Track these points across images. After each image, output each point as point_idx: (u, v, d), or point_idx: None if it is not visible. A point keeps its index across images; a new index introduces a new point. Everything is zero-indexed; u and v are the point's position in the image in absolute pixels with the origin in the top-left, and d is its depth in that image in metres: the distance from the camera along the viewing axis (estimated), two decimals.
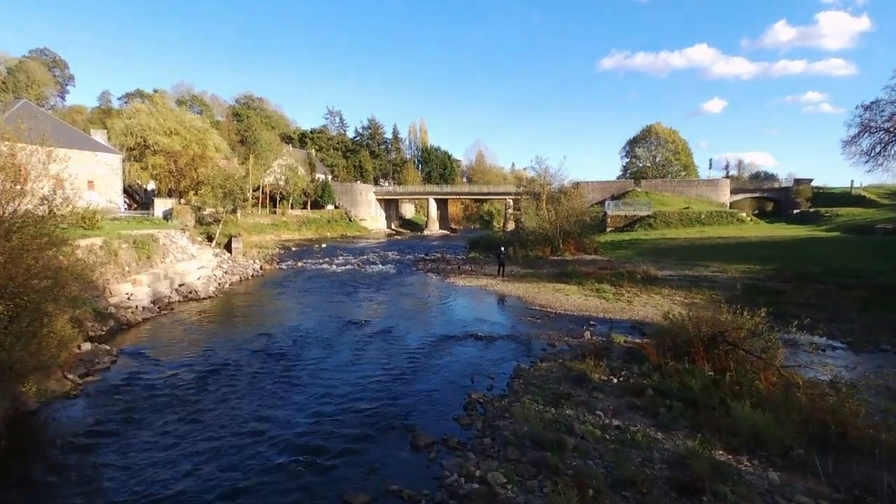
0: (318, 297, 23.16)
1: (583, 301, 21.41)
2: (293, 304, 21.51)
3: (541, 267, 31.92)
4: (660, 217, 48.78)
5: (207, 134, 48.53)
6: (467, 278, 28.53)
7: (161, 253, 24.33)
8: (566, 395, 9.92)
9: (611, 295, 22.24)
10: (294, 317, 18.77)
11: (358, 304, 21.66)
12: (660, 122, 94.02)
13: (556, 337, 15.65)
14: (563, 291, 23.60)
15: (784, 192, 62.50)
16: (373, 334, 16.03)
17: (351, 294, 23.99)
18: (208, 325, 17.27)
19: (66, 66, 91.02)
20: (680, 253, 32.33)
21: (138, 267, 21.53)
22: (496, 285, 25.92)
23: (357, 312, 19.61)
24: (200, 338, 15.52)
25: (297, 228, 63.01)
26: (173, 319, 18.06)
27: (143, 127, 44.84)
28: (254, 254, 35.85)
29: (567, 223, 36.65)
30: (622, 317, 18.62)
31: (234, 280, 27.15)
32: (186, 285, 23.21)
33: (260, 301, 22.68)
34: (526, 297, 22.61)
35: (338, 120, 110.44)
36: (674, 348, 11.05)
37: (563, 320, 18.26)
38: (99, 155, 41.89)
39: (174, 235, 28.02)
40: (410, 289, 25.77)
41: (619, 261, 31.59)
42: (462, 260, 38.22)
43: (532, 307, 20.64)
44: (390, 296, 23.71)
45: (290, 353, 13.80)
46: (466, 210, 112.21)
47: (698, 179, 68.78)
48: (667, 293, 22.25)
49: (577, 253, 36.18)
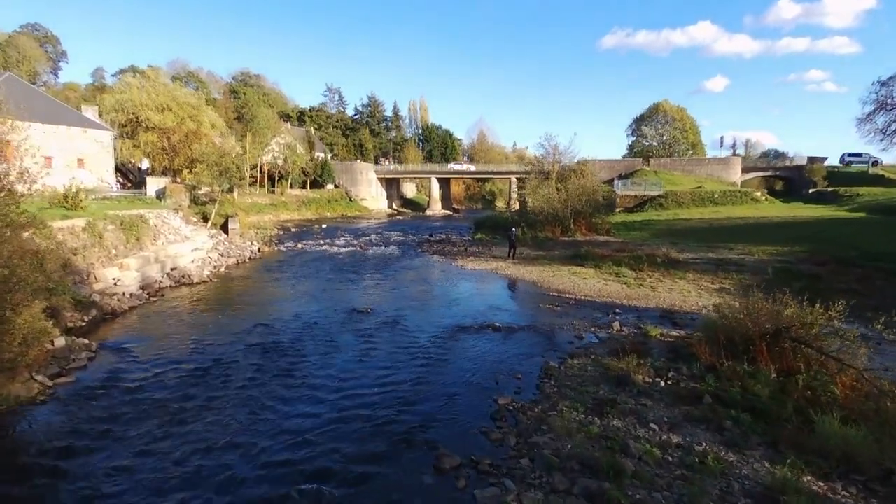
0: (319, 281, 21.74)
1: (602, 286, 20.00)
2: (292, 289, 20.09)
3: (552, 248, 30.47)
4: (671, 197, 47.09)
5: (202, 110, 46.51)
6: (476, 261, 27.09)
7: (152, 235, 22.81)
8: (610, 402, 8.54)
9: (632, 280, 20.81)
10: (293, 304, 17.36)
11: (362, 289, 20.24)
12: (667, 100, 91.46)
13: (582, 327, 14.26)
14: (580, 275, 22.18)
15: (797, 170, 60.55)
16: (380, 325, 14.64)
17: (354, 278, 22.56)
18: (200, 314, 15.86)
19: (59, 42, 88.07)
20: (698, 234, 30.82)
21: (126, 250, 20.05)
22: (507, 268, 24.50)
23: (361, 299, 18.20)
24: (191, 329, 14.12)
25: (296, 208, 61.36)
26: (163, 307, 16.65)
27: (134, 103, 42.81)
28: (251, 235, 34.33)
29: (578, 203, 35.05)
30: (648, 304, 17.22)
31: (230, 263, 25.70)
32: (179, 269, 21.76)
33: (257, 286, 21.26)
34: (541, 282, 21.19)
35: (337, 97, 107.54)
36: (728, 346, 9.63)
37: (585, 308, 16.86)
38: (89, 132, 40.07)
39: (166, 216, 26.46)
40: (417, 272, 24.33)
41: (634, 242, 30.13)
42: (468, 241, 36.75)
43: (549, 293, 19.23)
44: (396, 280, 22.28)
45: (289, 348, 12.42)
46: (468, 189, 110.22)
47: (709, 158, 66.81)
48: (691, 278, 20.83)
49: (588, 234, 34.70)
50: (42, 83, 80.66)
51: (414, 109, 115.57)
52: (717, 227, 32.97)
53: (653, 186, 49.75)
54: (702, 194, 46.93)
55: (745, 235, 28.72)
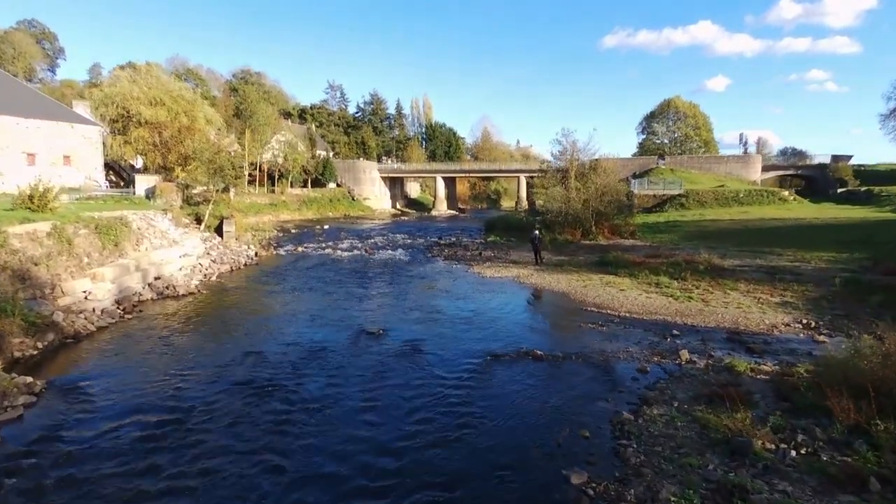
0: (321, 293, 19.26)
1: (646, 299, 17.48)
2: (291, 304, 17.59)
3: (573, 253, 27.97)
4: (692, 196, 44.52)
5: (197, 105, 44.06)
6: (494, 267, 24.58)
7: (134, 239, 20.35)
8: (738, 490, 6.02)
9: (677, 291, 18.29)
10: (292, 324, 14.87)
11: (370, 303, 17.75)
12: (679, 96, 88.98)
13: (641, 356, 11.76)
14: (616, 285, 19.68)
15: (819, 169, 57.97)
16: (394, 353, 12.14)
17: (360, 289, 20.08)
18: (181, 337, 13.38)
19: (56, 39, 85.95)
20: (734, 237, 28.25)
21: (102, 257, 17.59)
22: (531, 277, 22.00)
23: (370, 316, 15.71)
24: (167, 359, 11.65)
25: (296, 208, 58.96)
26: (139, 327, 14.17)
27: (124, 96, 40.35)
28: (248, 238, 31.89)
29: (600, 203, 32.51)
30: (706, 322, 14.70)
31: (223, 270, 23.25)
32: (163, 278, 19.30)
33: (251, 300, 18.73)
34: (573, 294, 18.68)
35: (339, 95, 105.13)
36: (876, 397, 7.13)
37: (634, 327, 14.35)
38: (76, 127, 37.61)
39: (153, 217, 24.00)
40: (430, 282, 21.79)
41: (665, 247, 27.59)
42: (481, 244, 34.26)
43: (586, 307, 16.72)
44: (408, 291, 19.77)
45: (283, 387, 9.93)
46: (473, 189, 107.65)
47: (727, 156, 64.18)
48: (744, 289, 18.29)
49: (611, 237, 32.17)
50: (38, 80, 78.55)
51: (417, 107, 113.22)
52: (752, 229, 30.41)
53: (673, 185, 47.21)
54: (725, 193, 44.37)
55: (788, 239, 26.14)
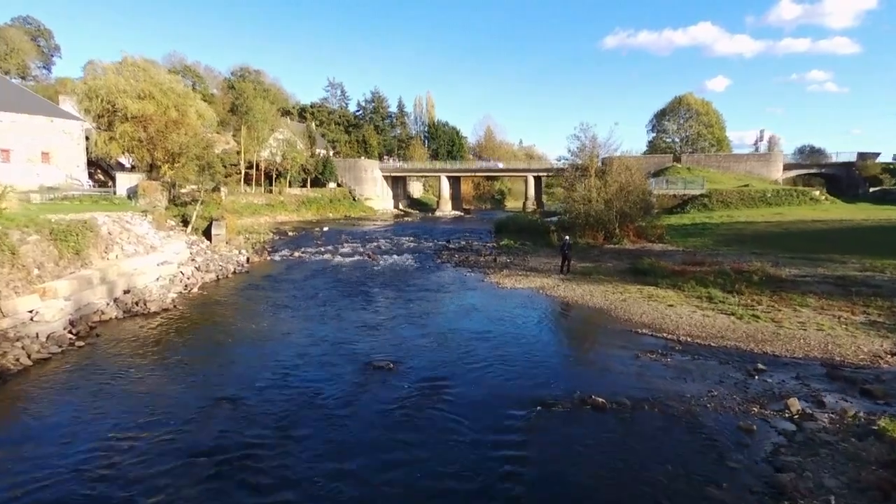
0: (319, 310, 16.47)
1: (703, 318, 14.71)
2: (282, 324, 14.81)
3: (598, 259, 25.23)
4: (715, 196, 41.72)
5: (189, 99, 41.20)
6: (513, 276, 21.82)
7: (102, 246, 17.61)
8: None
9: (737, 307, 15.52)
10: (280, 354, 12.10)
11: (376, 323, 14.95)
12: (691, 93, 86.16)
13: (733, 403, 8.99)
14: (661, 299, 16.92)
15: (845, 168, 55.10)
16: (412, 399, 9.37)
17: (364, 304, 17.29)
18: (138, 374, 10.61)
19: (52, 36, 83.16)
20: (777, 242, 25.47)
21: (59, 269, 14.84)
22: (558, 288, 19.25)
23: (377, 342, 12.95)
24: (111, 410, 8.90)
25: (295, 209, 56.20)
26: (87, 360, 11.41)
27: (109, 89, 37.53)
28: (240, 241, 29.12)
29: (625, 204, 29.73)
30: (791, 350, 11.94)
31: (207, 280, 20.49)
32: (134, 292, 16.54)
33: (234, 318, 15.84)
34: (614, 310, 15.91)
35: (339, 92, 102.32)
36: None
37: (703, 356, 11.59)
38: (56, 121, 34.99)
39: (129, 220, 21.28)
40: (445, 296, 18.94)
41: (701, 252, 24.81)
42: (493, 248, 31.48)
43: (635, 329, 13.96)
44: (419, 307, 16.96)
45: (262, 459, 7.18)
46: (477, 189, 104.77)
47: (747, 154, 61.28)
48: (816, 304, 15.50)
49: (637, 240, 29.40)
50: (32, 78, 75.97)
51: (420, 105, 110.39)
52: (794, 232, 27.62)
53: (694, 185, 44.40)
54: (751, 193, 41.57)
55: (843, 244, 23.34)
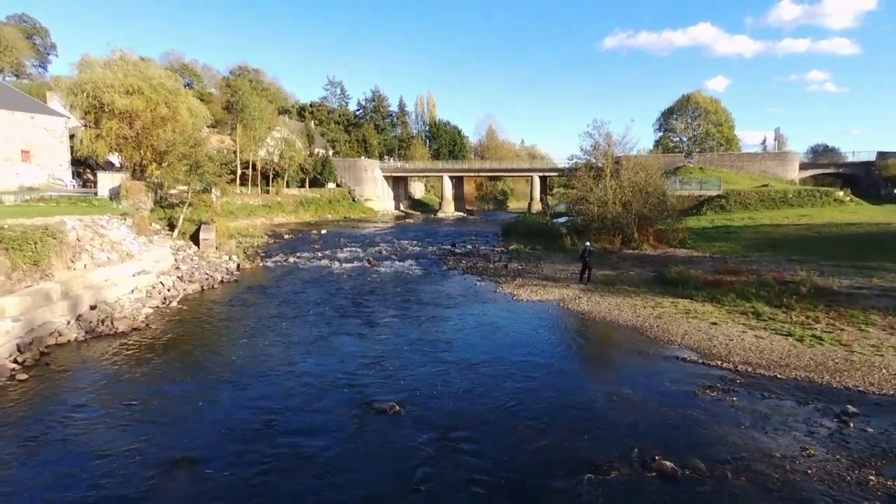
0: (311, 331, 14.40)
1: (754, 340, 12.69)
2: (266, 351, 12.71)
3: (618, 266, 23.21)
4: (733, 197, 39.67)
5: (180, 95, 39.08)
6: (527, 286, 19.80)
7: (68, 254, 15.59)
8: None
9: (791, 325, 13.51)
10: (262, 391, 10.04)
11: (377, 350, 12.85)
12: (700, 91, 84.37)
13: (839, 469, 6.98)
14: (700, 315, 14.90)
15: (864, 168, 53.06)
16: (422, 456, 7.35)
17: (362, 323, 15.22)
18: (86, 422, 8.58)
19: (48, 35, 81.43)
20: (814, 247, 23.41)
21: (11, 282, 12.82)
22: (579, 300, 17.24)
23: (379, 375, 10.92)
24: (43, 475, 6.88)
25: (292, 210, 54.20)
26: (28, 399, 9.37)
27: (96, 84, 35.51)
28: (231, 246, 27.06)
29: (645, 206, 27.72)
30: (877, 384, 9.92)
31: (191, 291, 18.47)
32: (102, 307, 14.51)
33: (213, 342, 13.67)
34: (650, 329, 13.88)
35: (339, 91, 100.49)
36: None
37: (772, 394, 9.57)
38: (37, 118, 32.98)
39: (105, 224, 19.28)
40: (455, 312, 16.74)
41: (732, 259, 22.79)
42: (502, 254, 29.48)
43: (682, 355, 11.93)
44: (428, 328, 14.84)
45: None
46: (480, 189, 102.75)
47: (761, 153, 59.14)
48: (883, 322, 13.48)
49: (658, 245, 27.42)
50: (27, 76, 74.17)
51: (421, 104, 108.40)
52: (829, 236, 25.56)
53: (710, 185, 42.34)
54: (771, 194, 39.49)
55: (889, 250, 21.31)
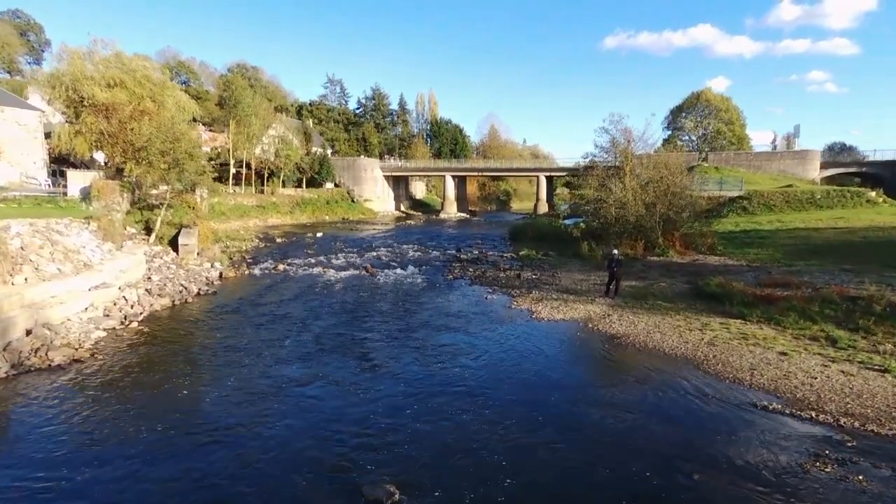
0: (290, 369, 11.86)
1: (842, 377, 10.16)
2: (234, 398, 10.10)
3: (645, 275, 20.67)
4: (756, 198, 37.12)
5: (167, 89, 36.52)
6: (547, 300, 17.25)
7: (6, 266, 13.06)
8: None
9: (886, 357, 10.98)
10: (215, 465, 7.52)
11: (371, 397, 10.25)
12: (710, 88, 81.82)
13: None
14: (760, 341, 12.38)
15: (889, 166, 50.51)
16: None
17: (355, 356, 12.61)
18: None
19: (42, 31, 79.56)
20: (863, 254, 20.78)
21: None
22: (610, 319, 14.73)
23: (373, 439, 8.38)
24: None
25: (288, 211, 51.79)
26: None
27: (74, 75, 33.01)
28: (215, 252, 24.53)
29: (671, 208, 25.15)
30: None
31: (159, 307, 15.94)
32: (40, 332, 11.97)
33: (169, 381, 10.77)
34: (706, 362, 11.33)
35: (338, 89, 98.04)
36: None
37: None
38: (7, 111, 30.49)
39: (62, 230, 16.77)
40: (466, 337, 14.08)
41: (774, 268, 20.23)
42: (512, 260, 26.97)
43: (760, 401, 9.39)
44: (435, 360, 12.22)
45: None
46: (482, 189, 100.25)
47: (780, 152, 56.71)
48: None
49: (686, 251, 24.86)
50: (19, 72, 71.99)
51: (422, 103, 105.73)
52: (877, 242, 22.96)
53: (729, 186, 39.80)
54: (797, 195, 36.90)
55: None
